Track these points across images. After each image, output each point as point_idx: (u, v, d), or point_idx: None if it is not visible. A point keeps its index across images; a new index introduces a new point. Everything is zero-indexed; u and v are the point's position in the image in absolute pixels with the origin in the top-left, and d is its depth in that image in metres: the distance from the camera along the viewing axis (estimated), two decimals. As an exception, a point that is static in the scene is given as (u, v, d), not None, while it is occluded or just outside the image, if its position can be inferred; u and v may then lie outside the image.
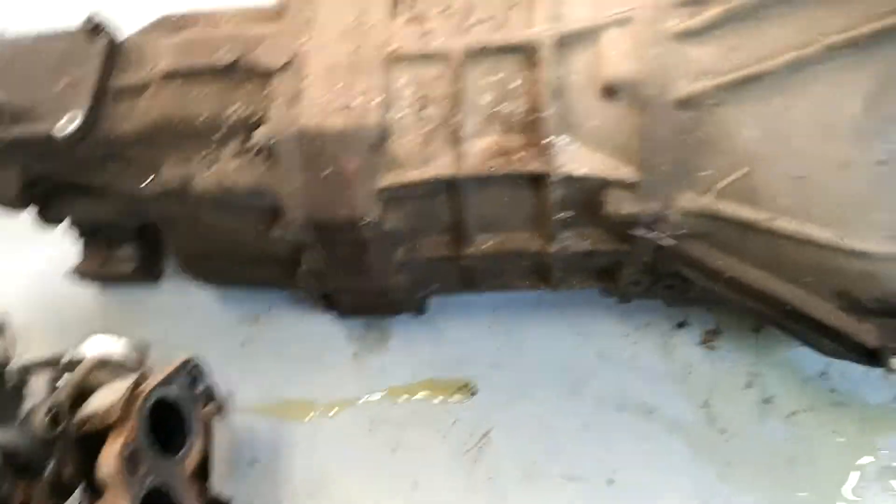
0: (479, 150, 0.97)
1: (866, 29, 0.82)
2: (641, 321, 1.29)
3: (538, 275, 1.13)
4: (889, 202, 0.85)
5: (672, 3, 0.95)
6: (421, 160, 0.96)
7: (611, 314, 1.29)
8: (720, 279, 1.00)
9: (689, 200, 0.95)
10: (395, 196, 0.96)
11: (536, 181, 0.99)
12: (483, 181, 0.98)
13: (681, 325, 1.29)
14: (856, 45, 0.83)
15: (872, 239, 0.87)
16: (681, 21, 0.93)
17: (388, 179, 0.95)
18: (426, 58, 0.96)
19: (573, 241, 1.06)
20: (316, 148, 0.91)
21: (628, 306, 1.26)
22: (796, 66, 0.86)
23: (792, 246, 0.92)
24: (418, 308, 1.16)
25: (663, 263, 1.06)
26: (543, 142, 0.96)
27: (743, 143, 0.90)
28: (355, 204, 0.93)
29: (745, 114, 0.90)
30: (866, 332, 0.94)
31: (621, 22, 0.96)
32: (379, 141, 0.94)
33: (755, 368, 1.25)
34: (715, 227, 0.96)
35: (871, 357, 0.97)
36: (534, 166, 0.97)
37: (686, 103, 0.92)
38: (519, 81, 0.98)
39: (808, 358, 1.22)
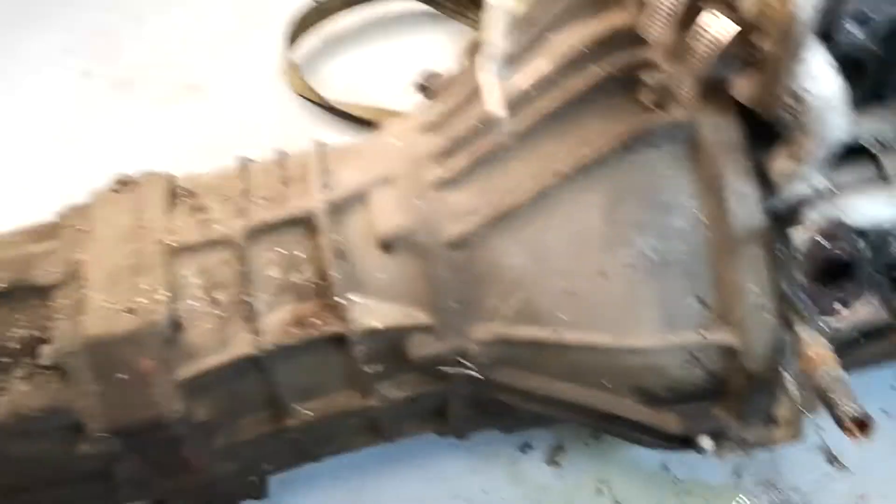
0: (276, 323, 1.00)
1: (588, 154, 0.91)
2: (487, 452, 1.32)
3: (371, 430, 1.15)
4: (648, 298, 0.92)
5: (426, 156, 1.03)
6: (219, 345, 0.98)
7: (457, 452, 1.31)
8: (534, 398, 1.04)
9: (483, 331, 1.00)
10: (199, 385, 0.98)
11: (338, 342, 1.02)
12: (286, 352, 1.00)
13: (525, 448, 1.32)
14: (584, 170, 0.91)
15: (644, 335, 0.93)
16: (437, 172, 1.01)
17: (188, 371, 0.97)
18: (209, 244, 1.00)
19: (392, 391, 1.08)
20: (106, 354, 0.92)
21: (472, 440, 1.28)
22: (541, 196, 0.93)
23: (582, 354, 0.98)
24: (257, 492, 1.15)
25: (482, 394, 1.10)
26: (335, 303, 1.00)
27: (513, 271, 0.96)
28: (157, 402, 0.94)
29: (509, 244, 0.96)
30: (669, 421, 1.00)
31: (385, 181, 1.03)
32: (171, 335, 0.96)
33: (602, 475, 1.29)
34: (512, 351, 1.01)
35: (684, 442, 1.02)
36: (331, 328, 1.00)
37: (457, 244, 0.98)
38: (302, 251, 1.02)
39: (647, 453, 1.26)
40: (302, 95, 1.87)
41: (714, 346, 0.93)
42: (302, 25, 1.94)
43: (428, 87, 1.14)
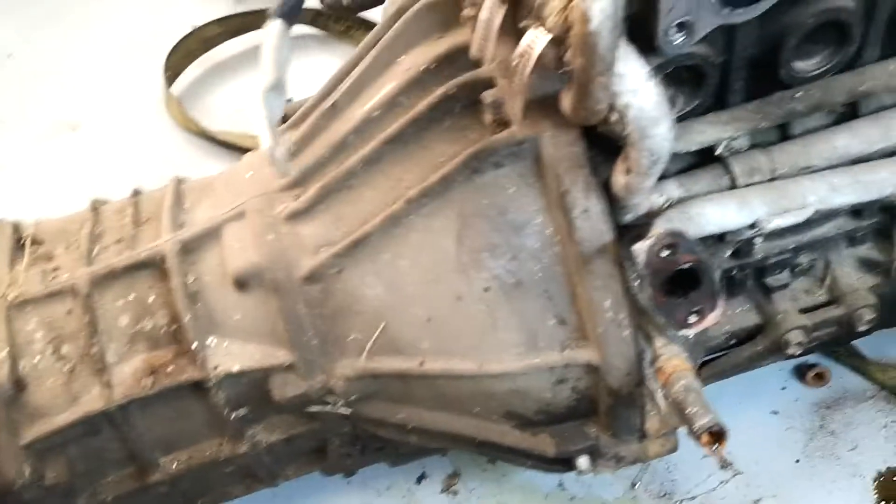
0: (128, 374, 0.95)
1: (435, 177, 0.88)
2: (381, 486, 1.28)
3: (249, 477, 1.11)
4: (507, 321, 0.90)
5: (279, 188, 0.99)
6: (67, 401, 0.93)
7: (351, 489, 1.28)
8: (408, 431, 1.01)
9: (347, 367, 0.96)
10: (49, 446, 0.93)
11: (198, 388, 0.98)
12: (142, 403, 0.96)
13: (420, 478, 1.29)
14: (430, 194, 0.88)
15: (507, 358, 0.91)
16: (289, 204, 0.97)
17: (34, 432, 0.92)
18: (53, 296, 0.96)
19: (264, 435, 1.04)
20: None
21: (365, 475, 1.25)
22: (391, 223, 0.91)
23: (449, 383, 0.95)
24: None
25: (359, 429, 1.06)
26: (191, 348, 0.95)
27: (371, 302, 0.93)
28: (1, 468, 0.89)
29: (365, 274, 0.93)
30: (544, 444, 0.97)
31: (237, 217, 0.99)
32: (13, 395, 0.91)
33: (499, 498, 1.26)
34: (379, 384, 0.97)
35: (562, 464, 1.00)
36: (189, 374, 0.96)
37: (312, 278, 0.94)
38: (154, 296, 0.98)
39: (542, 474, 1.24)
40: (186, 128, 1.83)
41: (578, 365, 0.91)
42: (182, 56, 1.90)
43: (288, 116, 1.11)
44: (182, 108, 1.81)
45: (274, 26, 0.90)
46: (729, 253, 0.99)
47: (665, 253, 0.80)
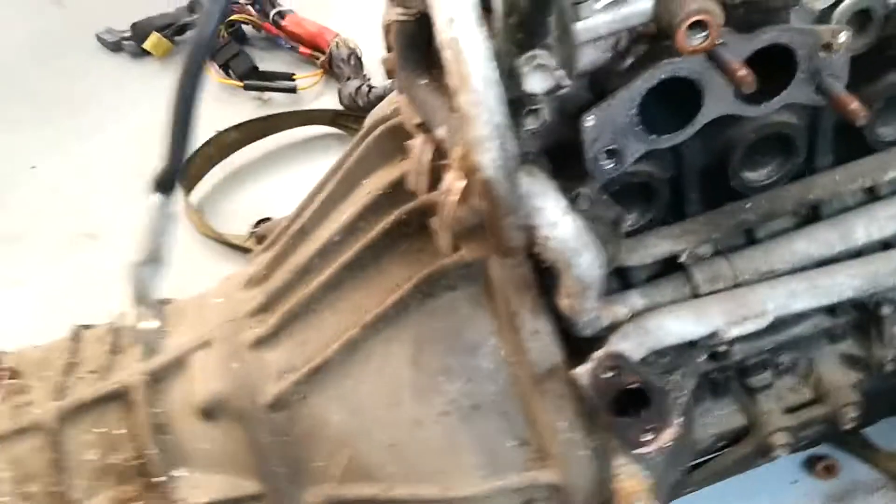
0: (94, 511, 0.96)
1: (389, 302, 0.89)
2: None
3: None
4: (467, 444, 0.89)
5: (245, 314, 1.01)
6: (34, 542, 0.94)
7: None
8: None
9: (315, 495, 0.97)
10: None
11: (168, 522, 0.98)
12: (110, 540, 0.96)
13: None
14: (386, 319, 0.89)
15: (470, 483, 0.90)
16: (255, 331, 0.99)
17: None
18: (21, 432, 0.97)
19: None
20: None
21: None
22: (350, 348, 0.92)
23: (417, 508, 0.94)
24: None
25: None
26: (157, 481, 0.96)
27: (336, 428, 0.94)
28: None
29: (329, 400, 0.94)
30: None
31: (204, 344, 1.01)
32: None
33: None
34: (348, 510, 0.97)
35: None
36: (156, 508, 0.97)
37: (277, 405, 0.95)
38: (123, 429, 0.99)
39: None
40: (205, 234, 1.85)
41: (541, 486, 0.90)
42: (202, 162, 1.93)
43: (263, 236, 1.14)
44: (200, 215, 1.83)
45: (152, 200, 0.93)
46: (704, 357, 0.98)
47: (608, 374, 0.80)
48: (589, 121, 0.77)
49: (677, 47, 0.71)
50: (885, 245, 0.99)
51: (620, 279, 0.98)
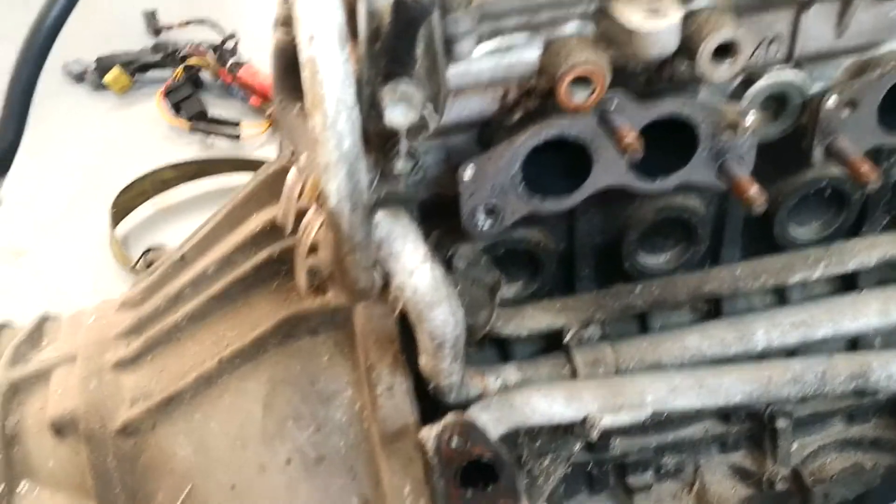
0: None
1: (248, 340, 0.85)
2: None
3: None
4: (307, 498, 0.85)
5: (115, 334, 0.97)
6: None
7: None
8: None
9: (149, 529, 0.90)
10: None
11: (2, 538, 0.92)
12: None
13: None
14: (243, 356, 0.85)
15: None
16: (118, 352, 0.94)
17: None
18: None
19: None
20: None
21: None
22: (204, 382, 0.88)
23: (251, 562, 0.88)
24: None
25: None
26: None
27: (181, 462, 0.89)
28: None
29: (178, 432, 0.89)
30: None
31: (68, 359, 0.97)
32: None
33: None
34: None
35: None
36: (-11, 523, 0.91)
37: (125, 431, 0.91)
38: (-23, 437, 0.94)
39: None
40: (122, 264, 1.84)
41: (382, 557, 0.85)
42: (134, 195, 1.93)
43: (152, 262, 1.10)
44: (119, 245, 1.82)
45: None
46: (579, 446, 0.93)
47: (456, 442, 0.75)
48: (467, 172, 0.74)
49: (559, 101, 0.69)
50: (790, 354, 0.95)
51: (501, 351, 0.94)
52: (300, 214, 0.78)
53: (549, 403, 0.85)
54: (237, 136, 2.08)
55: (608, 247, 0.91)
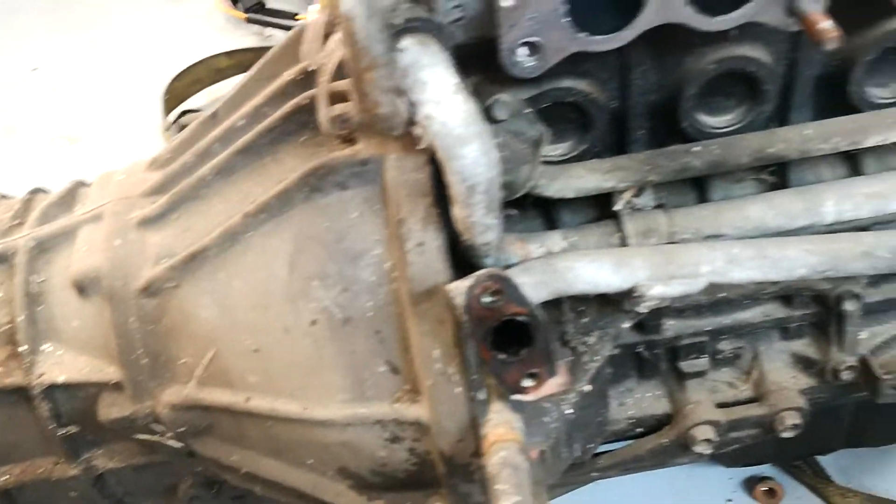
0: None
1: (272, 193, 0.80)
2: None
3: (92, 507, 1.02)
4: (332, 361, 0.80)
5: (141, 192, 0.93)
6: None
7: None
8: (247, 477, 0.91)
9: (174, 394, 0.88)
10: None
11: (27, 396, 0.90)
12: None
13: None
14: (268, 211, 0.80)
15: (332, 405, 0.81)
16: (144, 210, 0.90)
17: None
18: None
19: (102, 460, 0.96)
20: None
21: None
22: (228, 238, 0.83)
23: (276, 426, 0.85)
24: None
25: (210, 472, 0.96)
26: (21, 350, 0.89)
27: (204, 324, 0.85)
28: None
29: (201, 292, 0.85)
30: (379, 512, 0.85)
31: (95, 218, 0.93)
32: None
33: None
34: (208, 418, 0.88)
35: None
36: (13, 379, 0.89)
37: (148, 290, 0.87)
38: (1, 293, 0.92)
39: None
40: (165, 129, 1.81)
41: (407, 422, 0.80)
42: (189, 83, 1.89)
43: (186, 125, 1.05)
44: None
45: None
46: (629, 323, 0.87)
47: (488, 299, 0.69)
48: (507, 0, 0.66)
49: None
50: (863, 231, 0.86)
51: (547, 220, 0.88)
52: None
53: (595, 269, 0.78)
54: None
55: (665, 106, 0.83)
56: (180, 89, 1.86)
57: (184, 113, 1.52)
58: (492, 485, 0.68)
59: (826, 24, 0.66)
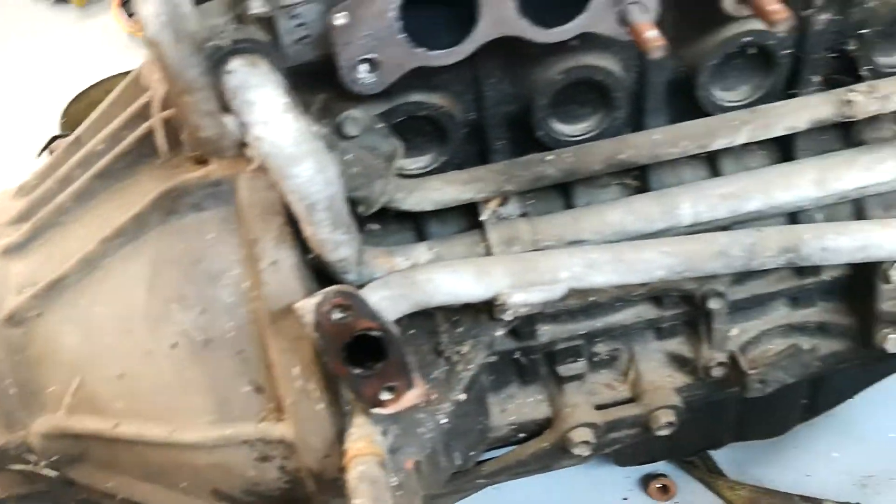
0: None
1: (128, 217, 0.79)
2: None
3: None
4: (196, 383, 0.79)
5: (7, 221, 0.92)
6: None
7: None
8: (118, 501, 0.90)
9: (44, 423, 0.87)
10: None
11: None
12: None
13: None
14: (125, 235, 0.80)
15: (199, 427, 0.80)
16: (7, 239, 0.89)
17: None
18: None
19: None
20: None
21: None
22: (87, 265, 0.82)
23: (147, 450, 0.84)
24: None
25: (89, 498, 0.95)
26: None
27: (69, 352, 0.84)
28: None
29: (64, 320, 0.85)
30: (256, 531, 0.85)
31: (-41, 249, 0.91)
32: None
33: None
34: (80, 446, 0.87)
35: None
36: None
37: (13, 320, 0.86)
38: None
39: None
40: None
41: (274, 441, 0.80)
42: (85, 106, 1.86)
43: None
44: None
45: None
46: (502, 331, 0.88)
47: (338, 315, 0.70)
48: (338, 19, 0.67)
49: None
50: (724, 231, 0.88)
51: (417, 233, 0.89)
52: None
53: (455, 279, 0.79)
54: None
55: (521, 116, 0.84)
56: (78, 112, 1.83)
57: (55, 138, 1.50)
58: (350, 499, 0.69)
59: (652, 34, 0.67)
